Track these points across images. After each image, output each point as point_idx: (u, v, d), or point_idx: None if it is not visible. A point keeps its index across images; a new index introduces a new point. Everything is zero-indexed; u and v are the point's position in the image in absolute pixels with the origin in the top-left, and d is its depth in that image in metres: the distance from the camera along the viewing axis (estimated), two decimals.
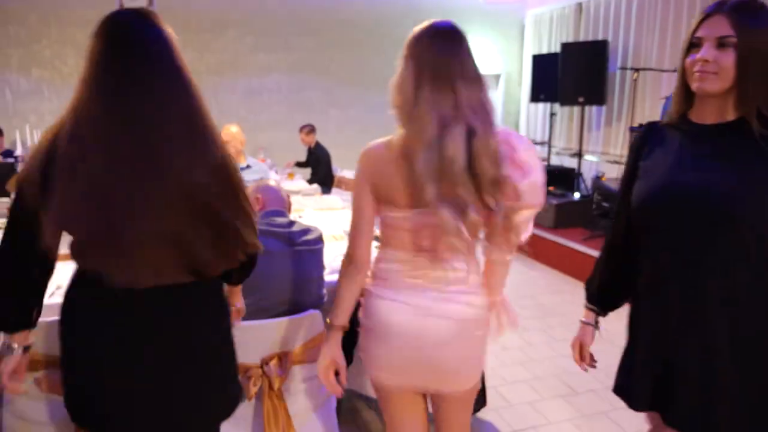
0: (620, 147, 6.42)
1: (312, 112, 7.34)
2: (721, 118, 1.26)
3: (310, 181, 5.98)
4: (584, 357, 1.57)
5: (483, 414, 2.55)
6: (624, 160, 5.61)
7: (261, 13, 7.34)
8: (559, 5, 7.73)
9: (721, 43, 1.20)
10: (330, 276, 2.44)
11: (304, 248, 2.07)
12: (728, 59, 1.19)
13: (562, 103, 6.81)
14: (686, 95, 1.29)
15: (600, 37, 6.76)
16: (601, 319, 1.56)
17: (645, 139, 1.39)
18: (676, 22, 5.94)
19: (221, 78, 7.33)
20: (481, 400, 2.49)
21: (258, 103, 7.36)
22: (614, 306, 1.53)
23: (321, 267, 2.22)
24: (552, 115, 7.10)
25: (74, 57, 6.58)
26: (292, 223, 2.11)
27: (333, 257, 2.43)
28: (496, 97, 8.77)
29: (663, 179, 1.28)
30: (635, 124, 5.65)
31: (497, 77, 8.62)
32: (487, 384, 2.50)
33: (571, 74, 6.41)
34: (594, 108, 6.77)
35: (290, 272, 2.02)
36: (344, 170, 6.49)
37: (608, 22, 6.81)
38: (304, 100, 7.48)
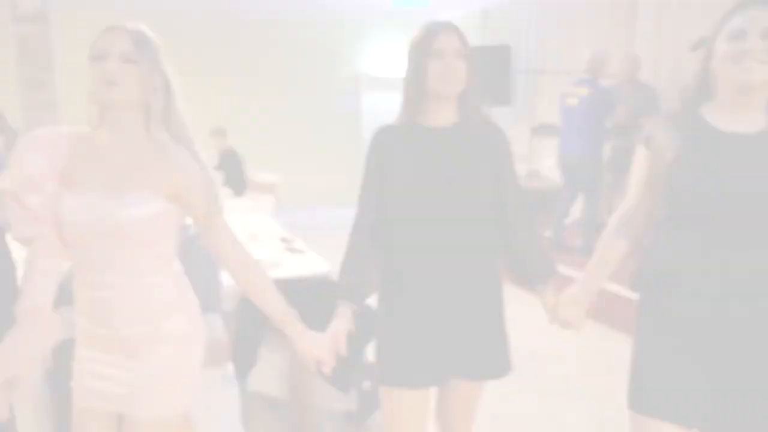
0: (524, 145, 6.71)
1: (230, 114, 7.10)
2: (449, 120, 1.47)
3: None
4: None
5: None
6: (527, 158, 5.86)
7: (174, 15, 7.06)
8: (464, 10, 7.97)
9: (460, 54, 1.42)
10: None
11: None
12: (463, 67, 1.42)
13: None
14: (419, 100, 1.44)
15: (505, 42, 7.04)
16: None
17: (385, 141, 1.50)
18: (577, 27, 6.29)
19: None
20: None
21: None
22: (367, 296, 1.57)
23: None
24: None
25: None
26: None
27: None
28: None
29: (416, 174, 1.44)
30: (536, 125, 5.94)
31: None
32: None
33: (477, 77, 6.61)
34: (499, 109, 7.04)
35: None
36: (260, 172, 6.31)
37: (512, 27, 7.10)
38: (220, 103, 7.24)
